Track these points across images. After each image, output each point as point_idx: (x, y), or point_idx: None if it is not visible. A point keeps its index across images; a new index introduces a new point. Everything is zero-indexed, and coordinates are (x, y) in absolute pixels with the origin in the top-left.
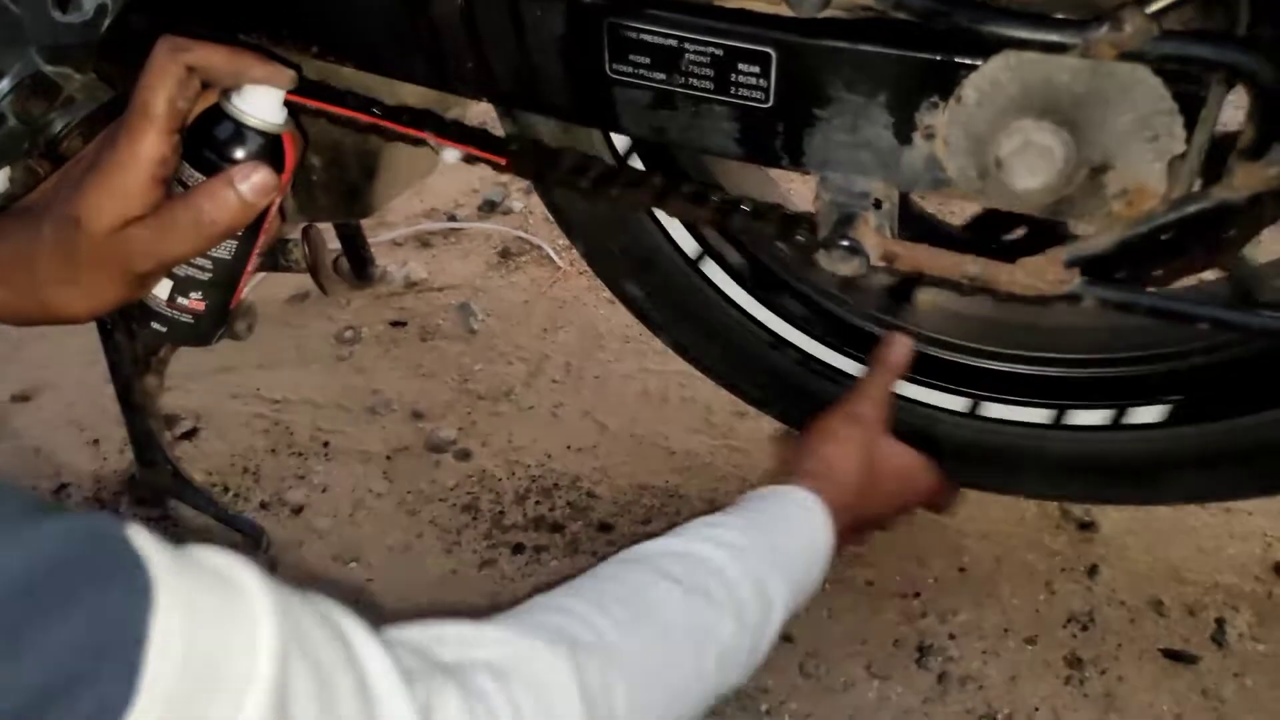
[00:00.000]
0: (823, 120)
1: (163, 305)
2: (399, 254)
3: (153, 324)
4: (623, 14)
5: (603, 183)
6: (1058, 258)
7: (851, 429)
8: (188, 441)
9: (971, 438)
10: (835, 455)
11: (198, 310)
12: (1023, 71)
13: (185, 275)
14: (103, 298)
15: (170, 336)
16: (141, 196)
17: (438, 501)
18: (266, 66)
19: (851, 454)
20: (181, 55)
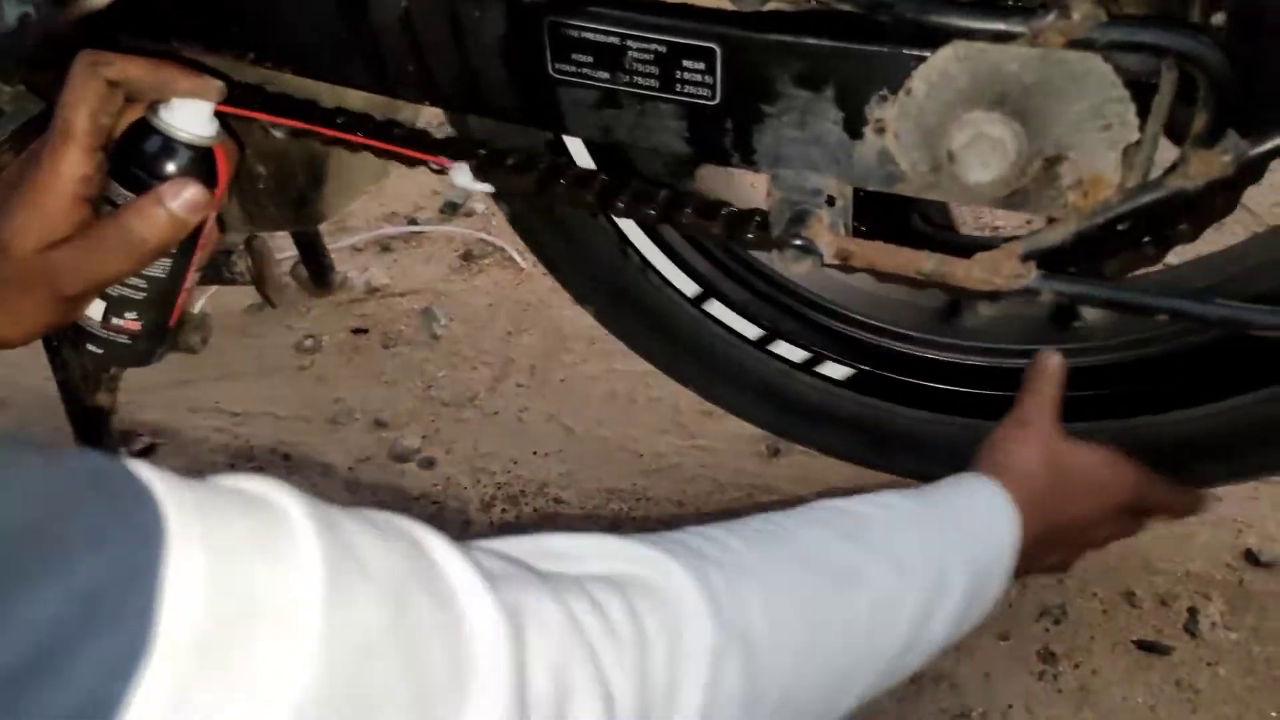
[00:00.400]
0: (771, 116)
1: (97, 326)
2: (359, 259)
3: (88, 346)
4: (563, 12)
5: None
6: (1013, 251)
7: (1024, 432)
8: (145, 458)
9: None
10: (1012, 454)
11: (134, 330)
12: (971, 62)
13: (119, 295)
14: (33, 322)
15: (107, 358)
16: (66, 217)
17: (401, 512)
18: (193, 78)
19: (1030, 454)
20: (101, 69)
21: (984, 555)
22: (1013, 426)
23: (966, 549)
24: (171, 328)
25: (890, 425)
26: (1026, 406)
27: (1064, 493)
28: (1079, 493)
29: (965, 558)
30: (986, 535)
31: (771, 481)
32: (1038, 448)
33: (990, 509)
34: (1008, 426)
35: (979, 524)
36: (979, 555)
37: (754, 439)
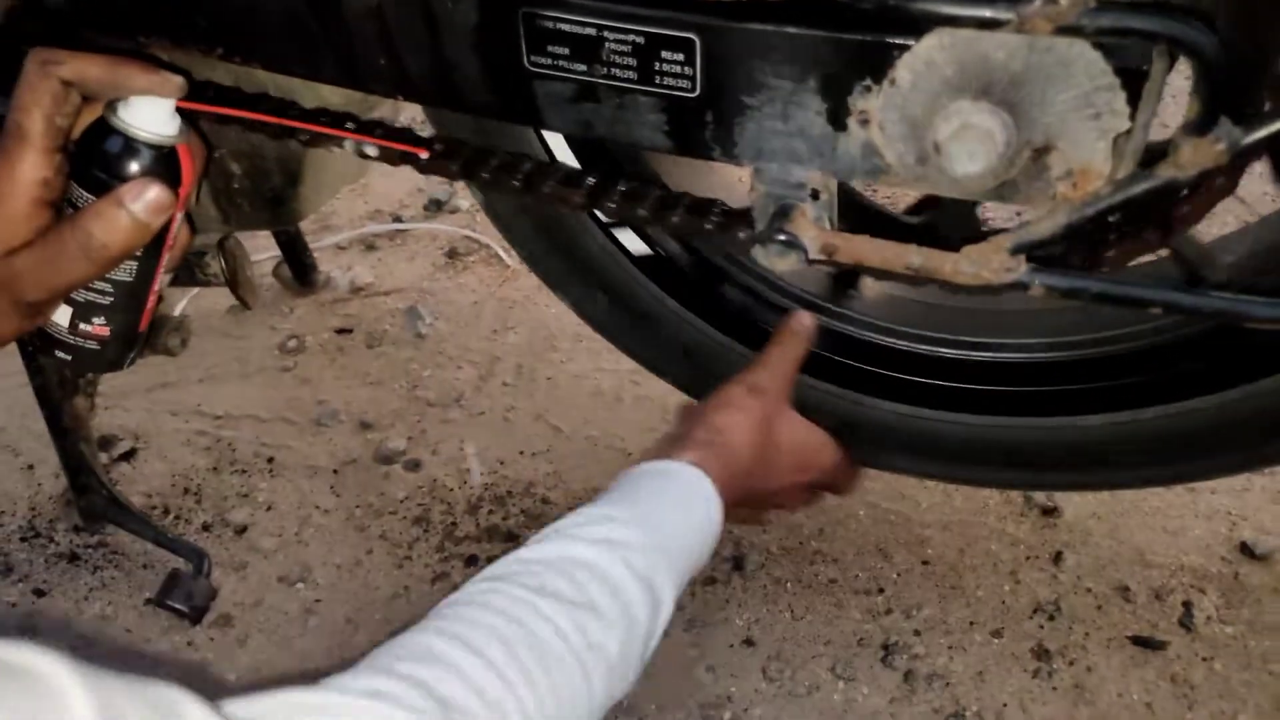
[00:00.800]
0: (753, 108)
1: (64, 332)
2: (343, 258)
3: (57, 352)
4: (538, 3)
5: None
6: (1002, 245)
7: (748, 399)
8: (126, 463)
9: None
10: (728, 424)
11: (102, 336)
12: (957, 50)
13: (85, 300)
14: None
15: (76, 365)
16: (26, 222)
17: (388, 515)
18: (150, 74)
19: (745, 423)
20: (54, 69)
21: (693, 562)
22: (743, 391)
23: (678, 562)
24: (143, 332)
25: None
26: (765, 365)
27: (767, 467)
28: (782, 467)
29: (677, 571)
30: (698, 535)
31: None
32: (754, 421)
33: (699, 508)
34: (737, 389)
35: (692, 525)
36: (688, 566)
37: None
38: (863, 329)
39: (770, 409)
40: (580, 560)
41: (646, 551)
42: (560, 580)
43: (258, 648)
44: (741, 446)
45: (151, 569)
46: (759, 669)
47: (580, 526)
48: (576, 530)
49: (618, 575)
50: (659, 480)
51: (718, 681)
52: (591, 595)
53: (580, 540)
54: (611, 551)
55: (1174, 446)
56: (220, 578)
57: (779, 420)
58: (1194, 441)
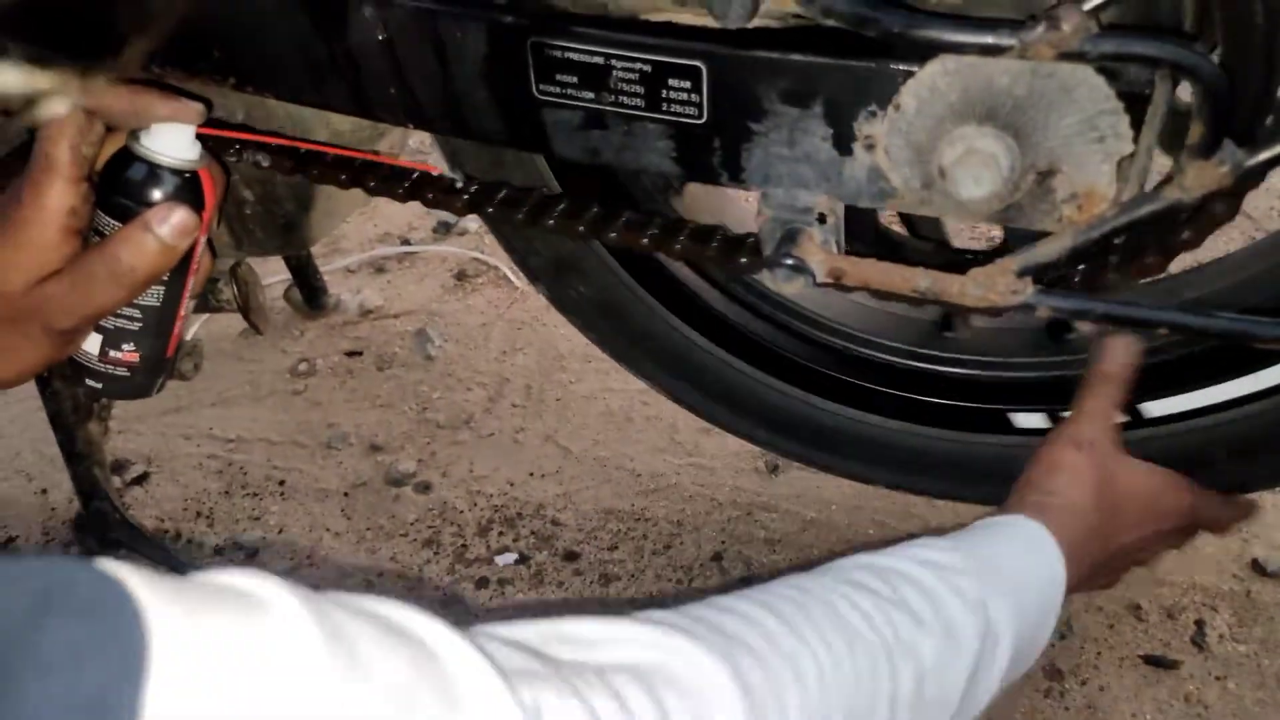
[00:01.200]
0: (760, 134)
1: (95, 360)
2: (352, 281)
3: (88, 381)
4: (546, 32)
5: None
6: (1008, 267)
7: (1075, 455)
8: (139, 487)
9: None
10: (1062, 486)
11: (132, 362)
12: (961, 76)
13: (114, 327)
14: (27, 360)
15: (107, 392)
16: (54, 251)
17: (398, 538)
18: (171, 102)
19: (1079, 481)
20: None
21: (1032, 604)
22: (1067, 446)
23: (1015, 597)
24: (170, 357)
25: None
26: (1084, 415)
27: (1116, 522)
28: (1131, 520)
29: (1015, 605)
30: (1037, 582)
31: (770, 499)
32: (1091, 477)
33: (1039, 557)
34: (1062, 445)
35: (1029, 569)
36: (1027, 605)
37: (752, 456)
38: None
39: (1102, 460)
40: (896, 570)
41: (974, 576)
42: (873, 579)
43: None
44: (1080, 505)
45: None
46: None
47: (892, 552)
48: (896, 551)
49: (939, 590)
50: (990, 529)
51: None
52: (905, 596)
53: (896, 557)
54: (935, 572)
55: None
56: None
57: (1115, 470)
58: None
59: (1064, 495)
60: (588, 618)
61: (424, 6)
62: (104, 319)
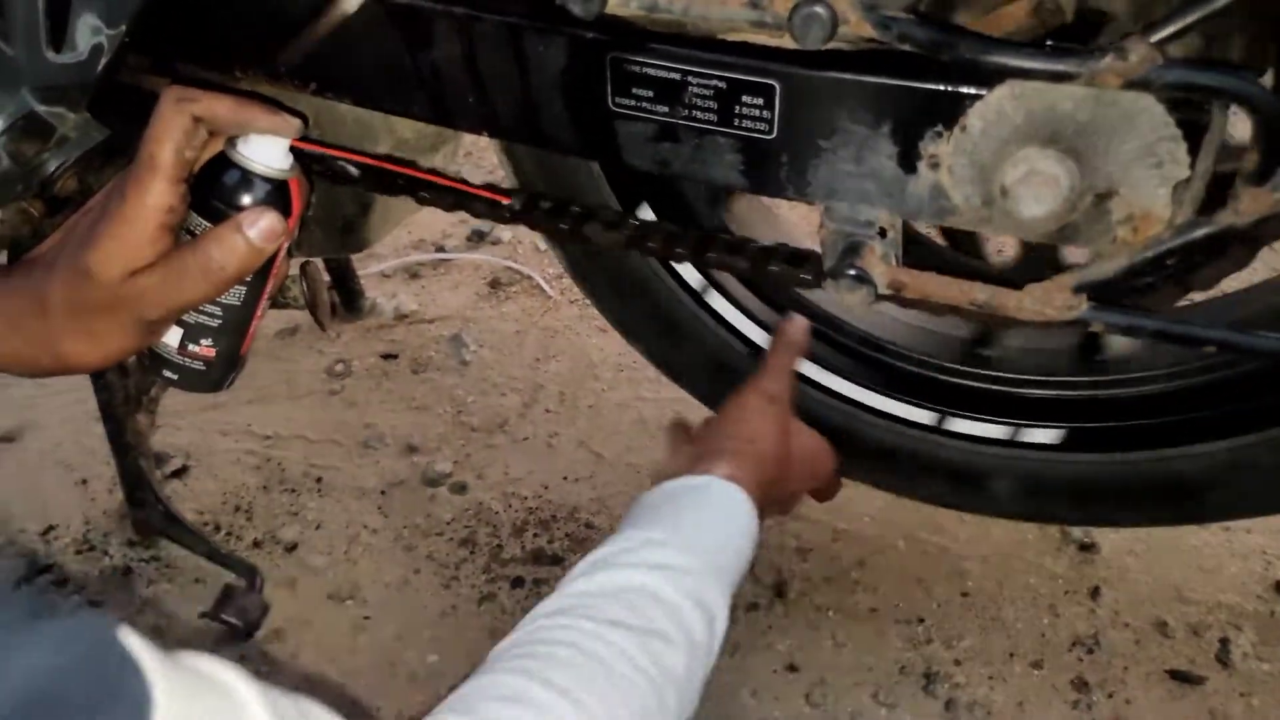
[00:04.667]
0: (827, 151)
1: (174, 353)
2: (388, 286)
3: (165, 372)
4: (625, 48)
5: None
6: (1065, 284)
7: (771, 407)
8: (177, 480)
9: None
10: (757, 433)
11: (209, 357)
12: (1027, 101)
13: (195, 322)
14: (114, 346)
15: (182, 383)
16: (151, 246)
17: (434, 536)
18: (273, 115)
19: (772, 433)
20: (188, 106)
21: (739, 573)
22: (761, 398)
23: (727, 577)
24: (243, 355)
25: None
26: (772, 373)
27: (785, 474)
28: (796, 472)
29: (727, 584)
30: (740, 547)
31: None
32: (776, 430)
33: (739, 520)
34: (756, 397)
35: (734, 538)
36: (735, 579)
37: None
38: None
39: (783, 415)
40: (636, 587)
41: (696, 573)
42: (622, 609)
43: (309, 662)
44: (769, 455)
45: (204, 583)
46: (802, 695)
47: (627, 553)
48: (624, 558)
49: (674, 599)
50: (695, 496)
51: (761, 706)
52: (655, 621)
53: (631, 568)
54: (664, 576)
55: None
56: (271, 593)
57: (792, 427)
58: None
59: (756, 444)
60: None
61: (508, 20)
62: (187, 314)
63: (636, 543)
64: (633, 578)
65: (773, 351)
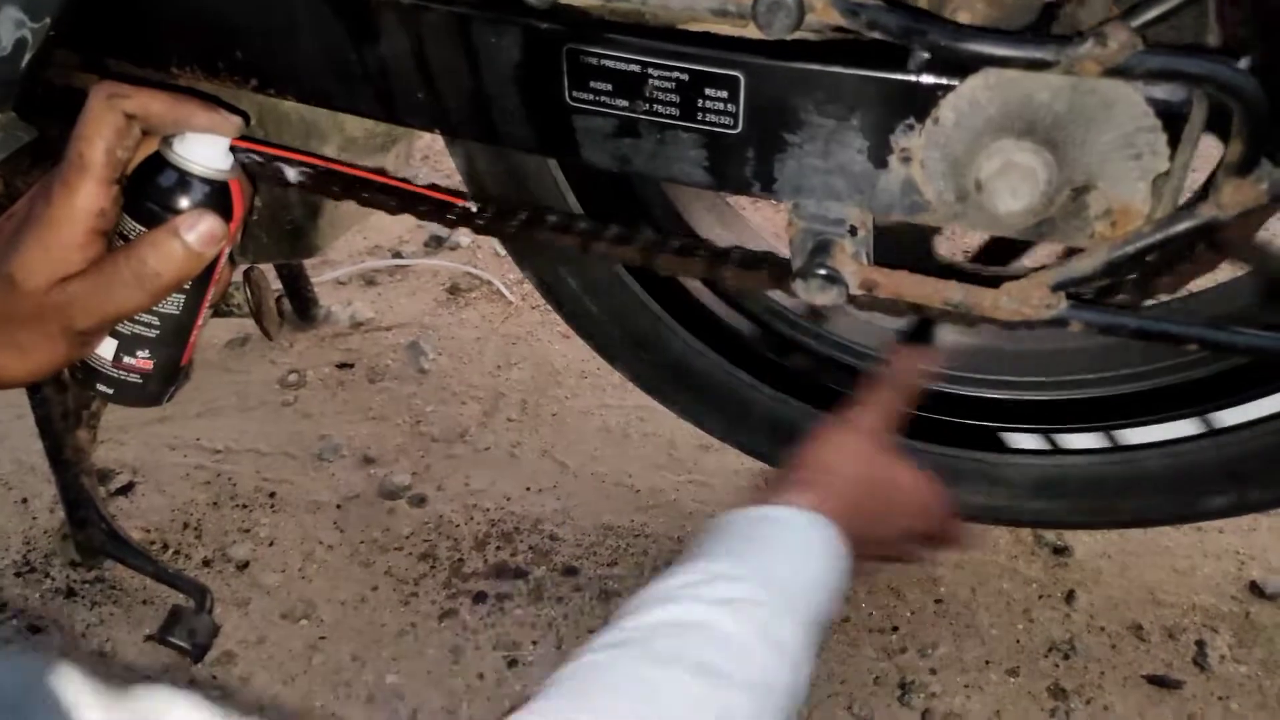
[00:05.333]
0: (794, 145)
1: (108, 365)
2: (343, 293)
3: (99, 386)
4: (582, 40)
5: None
6: (1042, 281)
7: (850, 435)
8: (123, 497)
9: None
10: (834, 460)
11: (145, 370)
12: (1002, 91)
13: (131, 333)
14: (43, 359)
15: (118, 398)
16: (80, 251)
17: (393, 551)
18: (211, 113)
19: (852, 459)
20: (120, 103)
21: (820, 604)
22: (848, 430)
23: (803, 610)
24: (184, 366)
25: None
26: (868, 407)
27: (886, 503)
28: (898, 506)
29: (803, 618)
30: (820, 577)
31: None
32: (864, 457)
33: (816, 548)
34: (845, 429)
35: (811, 568)
36: (814, 610)
37: (751, 473)
38: None
39: (873, 447)
40: (698, 624)
41: (766, 607)
42: (683, 647)
43: (262, 685)
44: (854, 486)
45: (151, 605)
46: None
47: (691, 587)
48: (689, 591)
49: (740, 636)
50: (768, 526)
51: None
52: (715, 660)
53: (694, 602)
54: (730, 611)
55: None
56: (222, 614)
57: (893, 465)
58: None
59: (840, 473)
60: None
61: (457, 11)
62: (121, 324)
63: (702, 575)
64: (696, 613)
65: (878, 384)
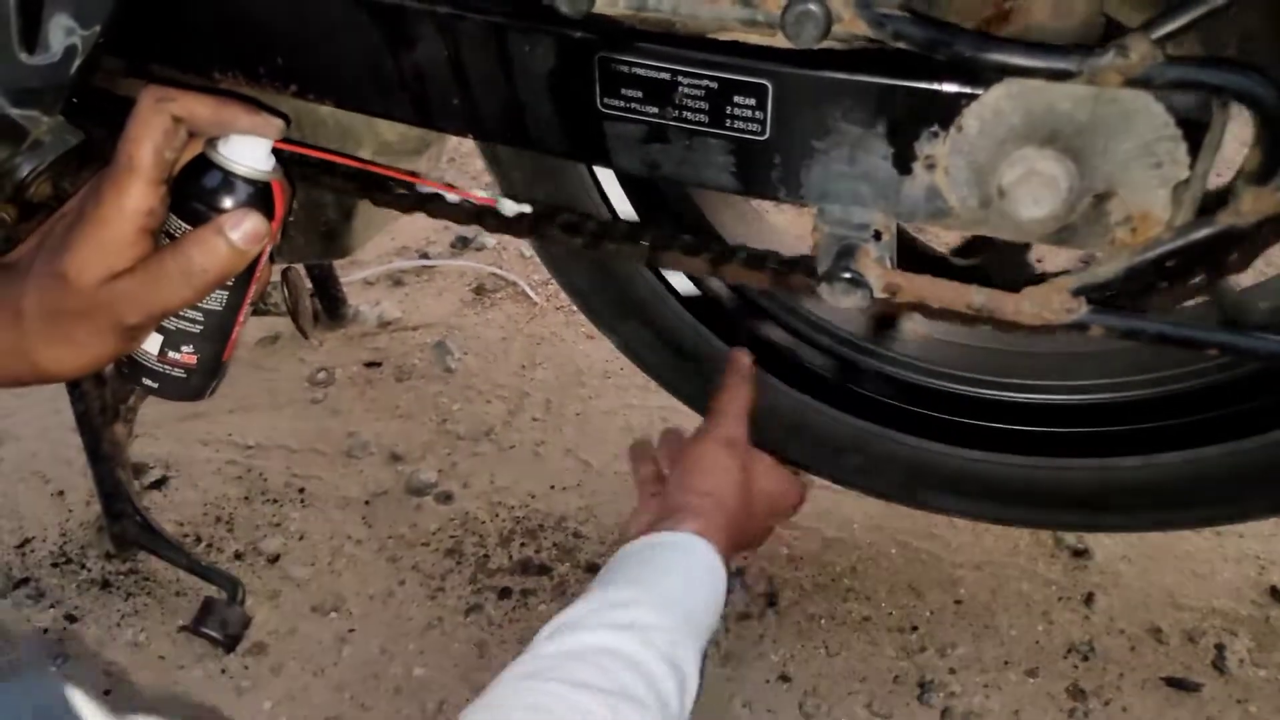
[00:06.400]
0: (821, 152)
1: (154, 360)
2: (371, 293)
3: (144, 380)
4: (614, 48)
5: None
6: (1064, 286)
7: (726, 455)
8: (157, 491)
9: None
10: (716, 485)
11: (190, 364)
12: (1025, 100)
13: (176, 328)
14: (93, 353)
15: (163, 391)
16: (129, 249)
17: (420, 547)
18: (254, 116)
19: (731, 482)
20: (167, 105)
21: (709, 627)
22: (718, 445)
23: (698, 633)
24: (225, 361)
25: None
26: (726, 416)
27: (750, 510)
28: (762, 509)
29: (698, 640)
30: (711, 603)
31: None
32: (737, 476)
33: (709, 576)
34: (713, 444)
35: (704, 593)
36: (705, 633)
37: None
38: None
39: (744, 458)
40: (605, 649)
41: (666, 631)
42: (593, 672)
43: (292, 676)
44: (730, 504)
45: (184, 596)
46: (795, 705)
47: (595, 614)
48: (593, 619)
49: (644, 659)
50: (661, 554)
51: (754, 717)
52: (624, 682)
53: (600, 629)
54: (633, 636)
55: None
56: (253, 606)
57: (753, 466)
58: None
59: (716, 494)
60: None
61: (493, 20)
62: (167, 320)
63: (604, 604)
64: (602, 639)
65: (724, 390)
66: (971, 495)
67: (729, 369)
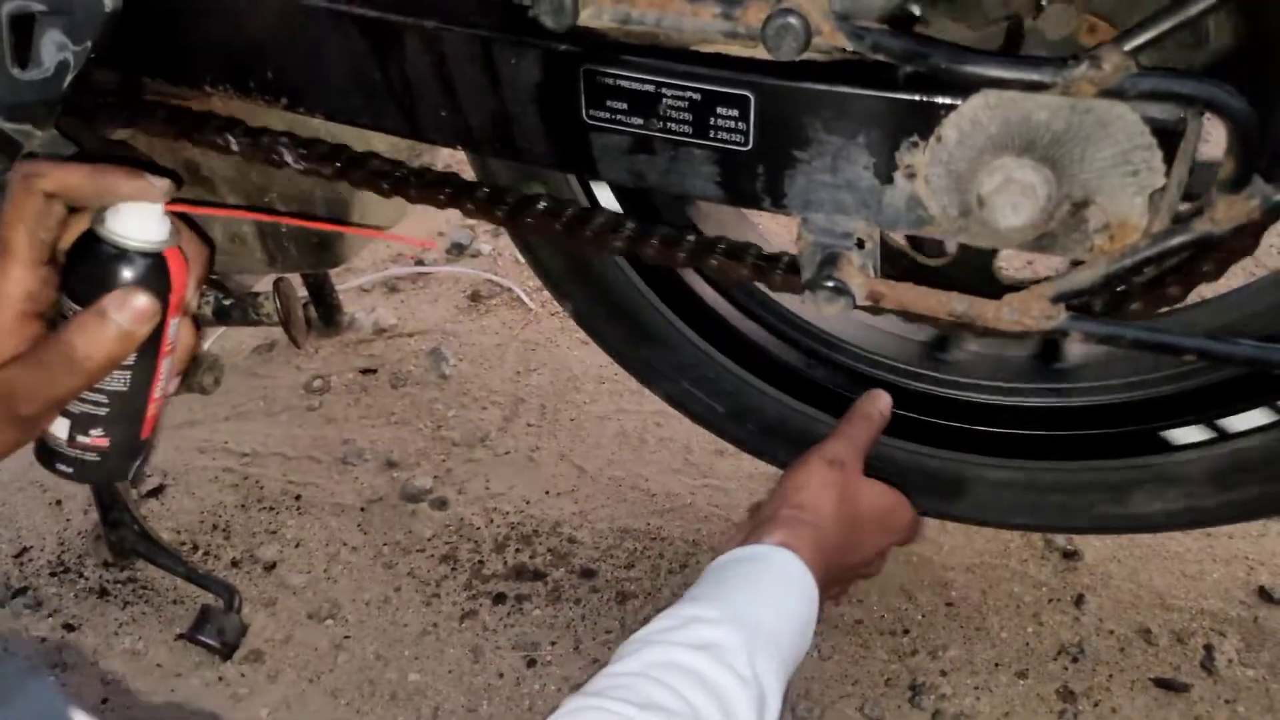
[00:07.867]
0: (803, 162)
1: (64, 445)
2: (367, 300)
3: (58, 465)
4: (599, 60)
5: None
6: (1043, 293)
7: (829, 472)
8: (154, 499)
9: None
10: (813, 501)
11: (101, 447)
12: (1002, 110)
13: (81, 412)
14: None
15: (78, 477)
16: (14, 336)
17: (415, 553)
18: (135, 181)
19: (830, 499)
20: (36, 182)
21: (795, 648)
22: (820, 462)
23: (779, 651)
24: (146, 439)
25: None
26: (841, 438)
27: (854, 538)
28: (867, 537)
29: (780, 659)
30: (796, 622)
31: None
32: (837, 494)
33: (795, 592)
34: (816, 462)
35: (788, 611)
36: (790, 653)
37: (767, 477)
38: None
39: (851, 480)
40: (679, 667)
41: (745, 650)
42: (662, 692)
43: (289, 683)
44: (829, 523)
45: (181, 604)
46: (788, 708)
47: (670, 632)
48: (667, 636)
49: (719, 679)
50: (748, 568)
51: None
52: (694, 704)
53: (674, 646)
54: (709, 655)
55: None
56: (250, 614)
57: (859, 491)
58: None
59: (813, 510)
60: None
61: (480, 34)
62: (71, 404)
63: (681, 620)
64: (675, 657)
65: (848, 420)
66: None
67: (864, 399)
